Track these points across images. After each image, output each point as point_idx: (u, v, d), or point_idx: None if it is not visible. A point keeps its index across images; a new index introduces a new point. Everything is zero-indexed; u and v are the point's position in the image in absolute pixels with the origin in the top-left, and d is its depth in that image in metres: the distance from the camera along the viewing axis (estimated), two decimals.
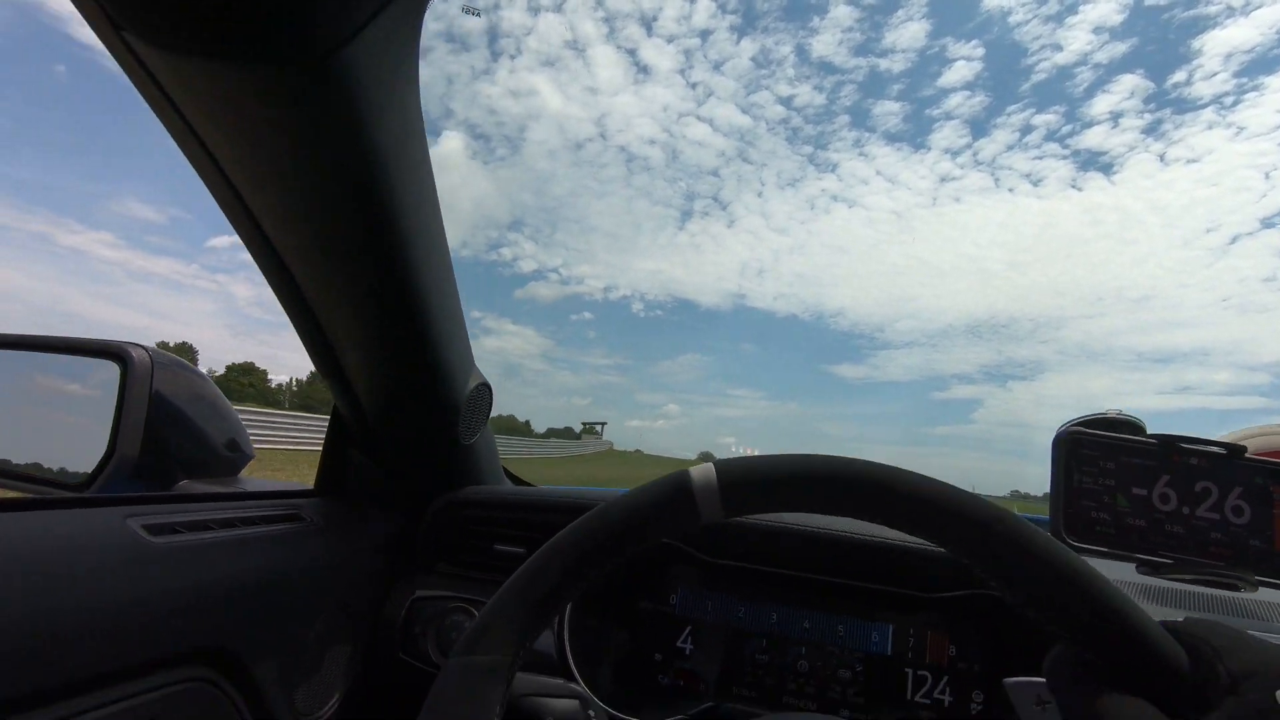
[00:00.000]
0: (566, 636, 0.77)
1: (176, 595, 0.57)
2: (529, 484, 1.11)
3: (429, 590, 0.85)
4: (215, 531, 0.65)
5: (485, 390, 0.87)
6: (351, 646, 0.81)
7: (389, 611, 0.85)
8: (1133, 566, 0.62)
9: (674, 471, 0.43)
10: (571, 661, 0.76)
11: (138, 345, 0.81)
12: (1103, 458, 0.62)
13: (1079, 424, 0.67)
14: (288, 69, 0.43)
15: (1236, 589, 0.58)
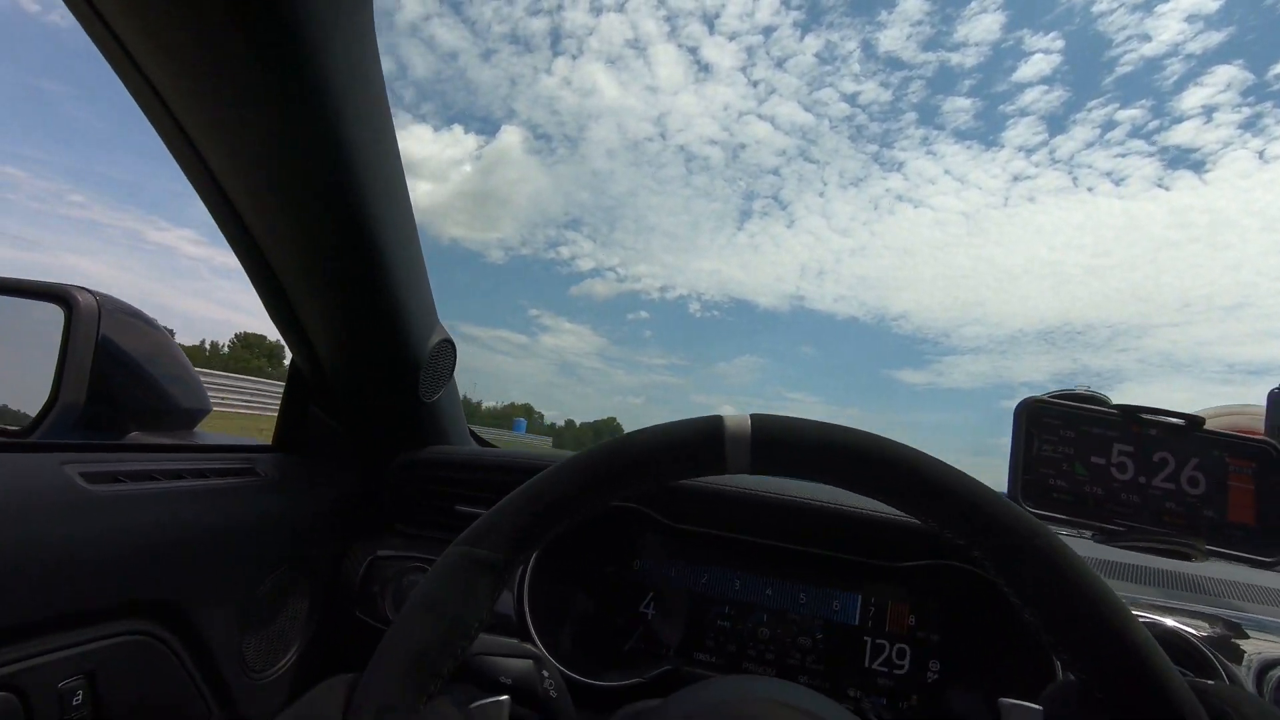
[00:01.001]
0: (526, 599, 0.77)
1: (113, 545, 0.55)
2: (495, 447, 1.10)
3: (389, 550, 0.84)
4: (160, 482, 0.63)
5: (448, 347, 0.85)
6: (307, 604, 0.80)
7: (347, 570, 0.83)
8: (1089, 539, 0.63)
9: (709, 415, 0.42)
10: (530, 624, 0.76)
11: (84, 290, 0.77)
12: (1063, 426, 0.62)
13: (1044, 396, 0.68)
14: None
15: (1188, 557, 0.59)
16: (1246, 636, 0.62)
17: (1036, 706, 0.39)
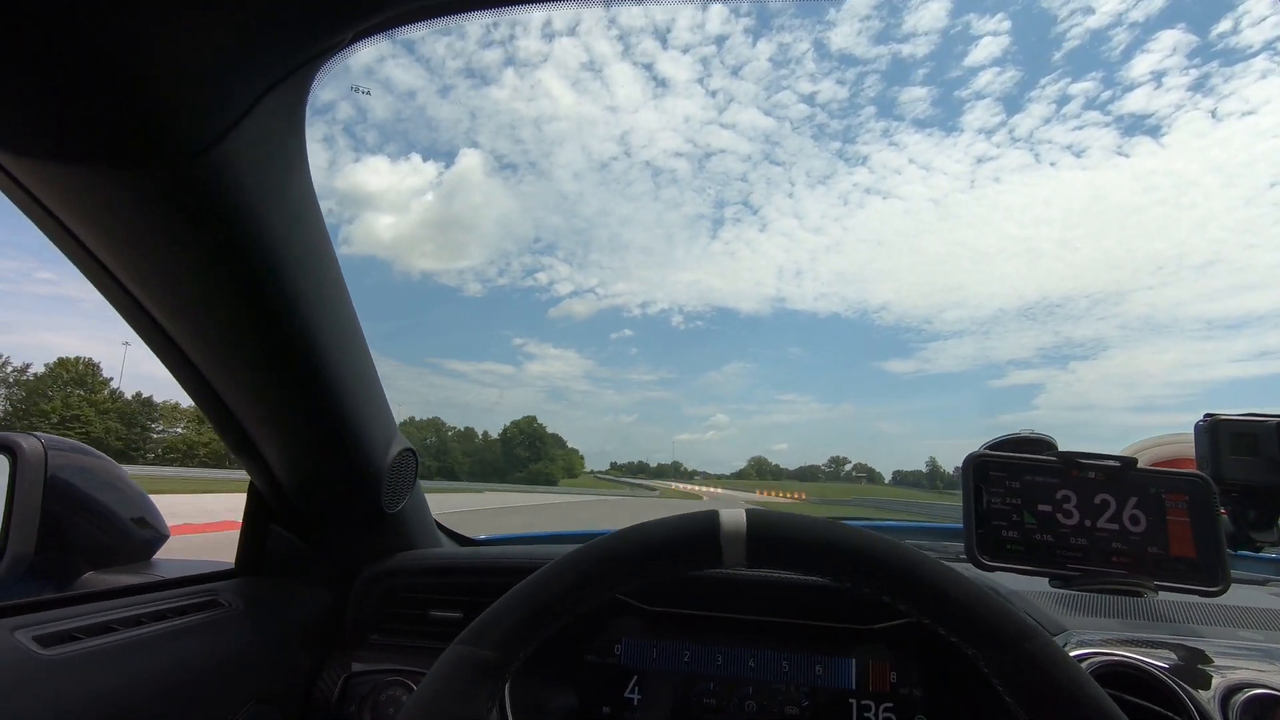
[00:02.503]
0: (508, 697, 0.75)
1: (73, 712, 0.53)
2: (466, 538, 1.08)
3: (363, 665, 0.82)
4: (119, 633, 0.61)
5: (409, 456, 0.85)
6: None
7: (320, 691, 0.81)
8: (1047, 586, 0.65)
9: (705, 510, 0.44)
10: None
11: (30, 435, 0.76)
12: (1009, 477, 0.65)
13: (989, 446, 0.70)
14: (155, 170, 0.41)
15: (1140, 595, 0.61)
16: (1211, 661, 0.63)
17: None
